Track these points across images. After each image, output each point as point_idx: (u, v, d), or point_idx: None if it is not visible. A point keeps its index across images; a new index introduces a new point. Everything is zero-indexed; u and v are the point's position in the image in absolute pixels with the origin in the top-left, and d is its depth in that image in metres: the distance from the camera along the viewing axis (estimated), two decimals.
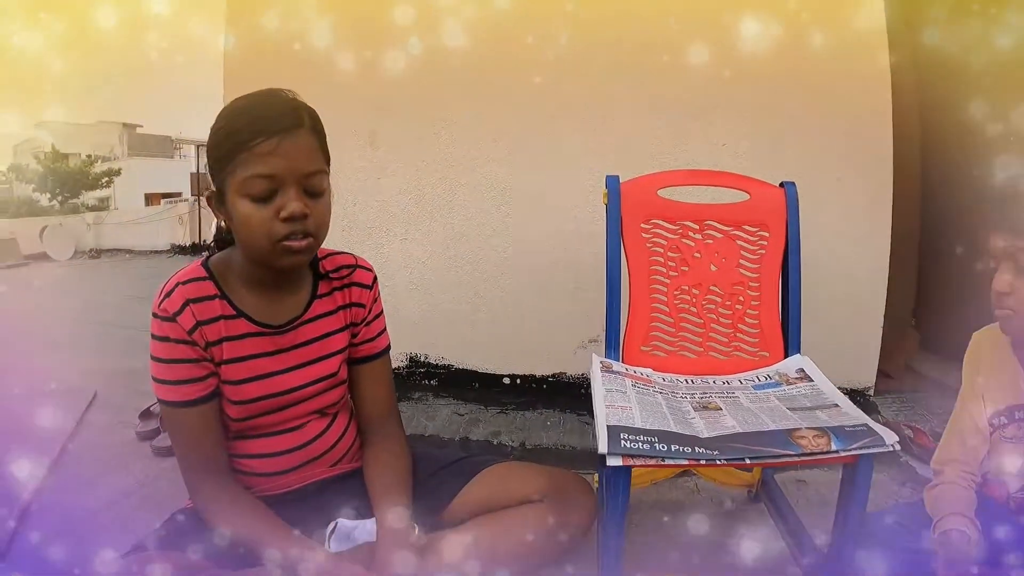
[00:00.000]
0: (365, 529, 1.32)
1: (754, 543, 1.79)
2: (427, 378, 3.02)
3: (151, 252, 14.89)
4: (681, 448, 1.26)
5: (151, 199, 25.23)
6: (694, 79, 2.63)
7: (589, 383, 2.85)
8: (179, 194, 24.72)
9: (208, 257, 1.38)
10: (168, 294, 1.27)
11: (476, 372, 3.00)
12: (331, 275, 1.46)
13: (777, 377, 1.70)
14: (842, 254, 2.62)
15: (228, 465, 1.36)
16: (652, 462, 1.25)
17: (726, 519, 2.01)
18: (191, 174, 24.50)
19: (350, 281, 1.47)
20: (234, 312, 1.32)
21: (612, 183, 1.79)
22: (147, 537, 1.29)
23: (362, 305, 1.48)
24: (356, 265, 1.49)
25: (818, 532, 1.65)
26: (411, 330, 2.95)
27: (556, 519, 1.39)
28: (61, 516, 2.02)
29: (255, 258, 1.28)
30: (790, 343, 1.82)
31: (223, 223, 1.32)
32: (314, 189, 1.24)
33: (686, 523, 1.92)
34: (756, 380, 1.71)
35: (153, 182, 28.36)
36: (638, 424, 1.33)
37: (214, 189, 1.27)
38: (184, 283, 1.29)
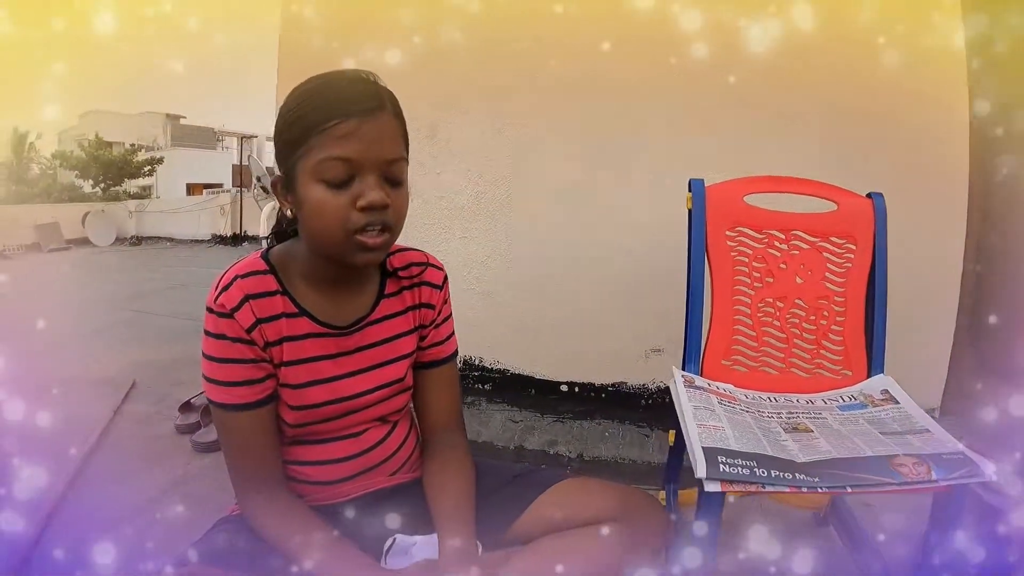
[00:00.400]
0: (425, 545, 1.23)
1: (828, 571, 1.72)
2: (481, 382, 2.95)
3: (192, 241, 15.09)
4: (781, 474, 1.19)
5: (192, 189, 25.54)
6: (769, 83, 2.54)
7: (650, 394, 2.86)
8: (220, 185, 24.99)
9: (267, 249, 1.29)
10: (225, 288, 1.17)
11: (532, 378, 2.93)
12: (400, 273, 1.37)
13: (862, 398, 1.63)
14: (912, 270, 2.51)
15: (282, 474, 1.28)
16: (752, 488, 1.17)
17: (795, 544, 1.92)
18: (233, 166, 24.81)
19: (420, 280, 1.39)
20: (296, 310, 1.23)
21: (697, 187, 1.72)
22: (189, 549, 1.20)
23: (432, 306, 1.40)
24: (427, 263, 1.40)
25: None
26: (467, 332, 2.82)
27: (630, 541, 1.29)
28: (94, 515, 1.98)
29: (324, 251, 1.19)
30: (873, 362, 1.73)
31: (289, 212, 1.22)
32: (395, 178, 1.15)
33: (755, 547, 1.84)
34: (840, 400, 1.64)
35: (195, 172, 28.83)
36: (733, 446, 1.26)
37: (280, 175, 1.19)
38: (243, 276, 1.19)
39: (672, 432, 1.80)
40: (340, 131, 1.08)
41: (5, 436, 2.32)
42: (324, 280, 1.25)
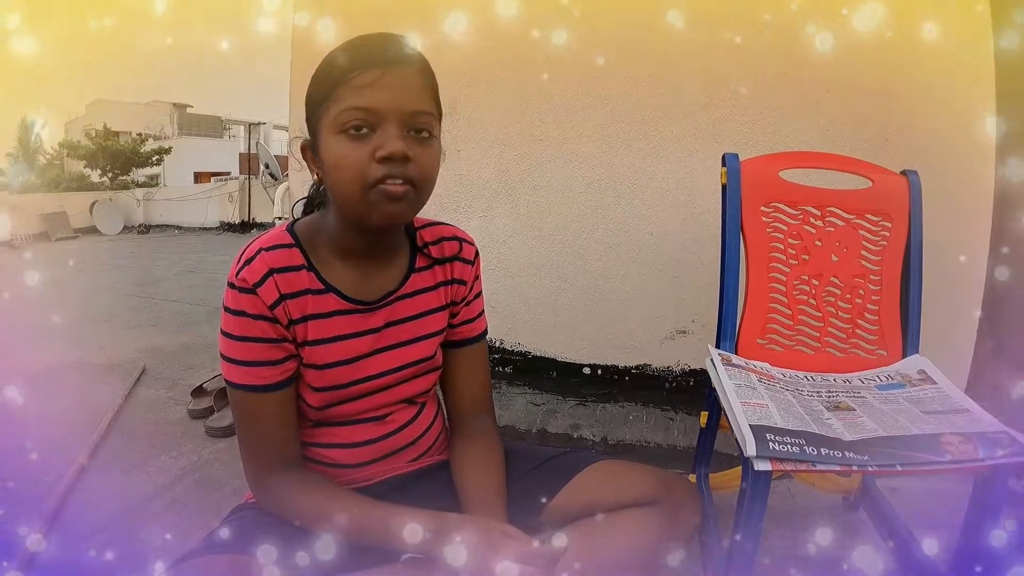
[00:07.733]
0: None
1: (862, 556, 1.68)
2: (502, 365, 2.92)
3: (200, 229, 15.13)
4: (831, 452, 1.15)
5: (200, 178, 25.57)
6: (800, 60, 2.47)
7: (674, 377, 2.83)
8: (228, 173, 24.96)
9: (294, 222, 1.24)
10: (248, 261, 1.11)
11: (555, 360, 2.90)
12: (431, 247, 1.32)
13: (900, 378, 1.59)
14: (938, 254, 2.46)
15: (301, 460, 1.23)
16: (803, 467, 1.13)
17: (827, 528, 1.89)
18: (240, 154, 24.80)
19: (452, 255, 1.34)
20: (322, 287, 1.18)
21: (732, 161, 1.68)
22: (208, 536, 1.15)
23: (463, 282, 1.36)
24: (458, 237, 1.36)
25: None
26: (488, 313, 2.81)
27: (669, 524, 1.26)
28: (107, 501, 1.95)
29: (347, 209, 1.12)
30: (908, 342, 1.70)
31: (316, 175, 1.16)
32: (420, 131, 1.08)
33: (786, 532, 1.81)
34: (878, 380, 1.60)
35: (202, 161, 28.94)
36: (779, 424, 1.22)
37: (308, 138, 1.14)
38: (268, 249, 1.13)
39: (704, 414, 1.77)
40: (361, 80, 1.04)
41: (17, 421, 2.30)
42: (353, 252, 1.20)
